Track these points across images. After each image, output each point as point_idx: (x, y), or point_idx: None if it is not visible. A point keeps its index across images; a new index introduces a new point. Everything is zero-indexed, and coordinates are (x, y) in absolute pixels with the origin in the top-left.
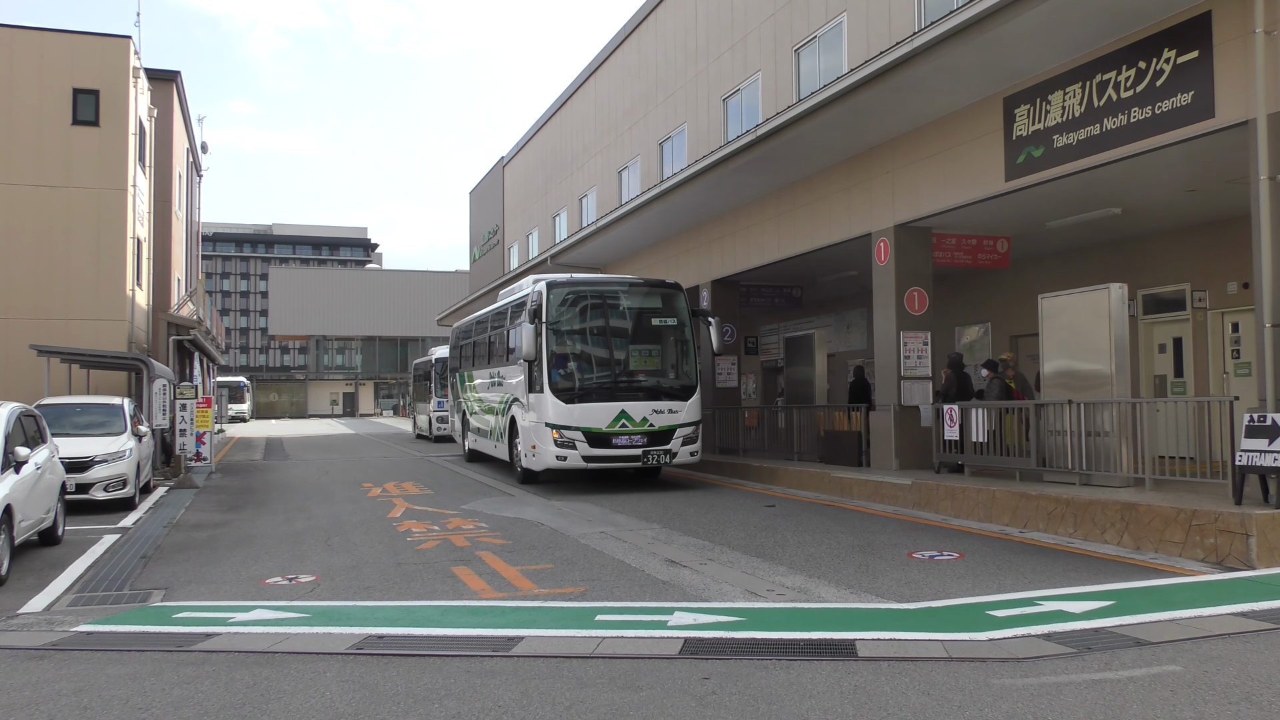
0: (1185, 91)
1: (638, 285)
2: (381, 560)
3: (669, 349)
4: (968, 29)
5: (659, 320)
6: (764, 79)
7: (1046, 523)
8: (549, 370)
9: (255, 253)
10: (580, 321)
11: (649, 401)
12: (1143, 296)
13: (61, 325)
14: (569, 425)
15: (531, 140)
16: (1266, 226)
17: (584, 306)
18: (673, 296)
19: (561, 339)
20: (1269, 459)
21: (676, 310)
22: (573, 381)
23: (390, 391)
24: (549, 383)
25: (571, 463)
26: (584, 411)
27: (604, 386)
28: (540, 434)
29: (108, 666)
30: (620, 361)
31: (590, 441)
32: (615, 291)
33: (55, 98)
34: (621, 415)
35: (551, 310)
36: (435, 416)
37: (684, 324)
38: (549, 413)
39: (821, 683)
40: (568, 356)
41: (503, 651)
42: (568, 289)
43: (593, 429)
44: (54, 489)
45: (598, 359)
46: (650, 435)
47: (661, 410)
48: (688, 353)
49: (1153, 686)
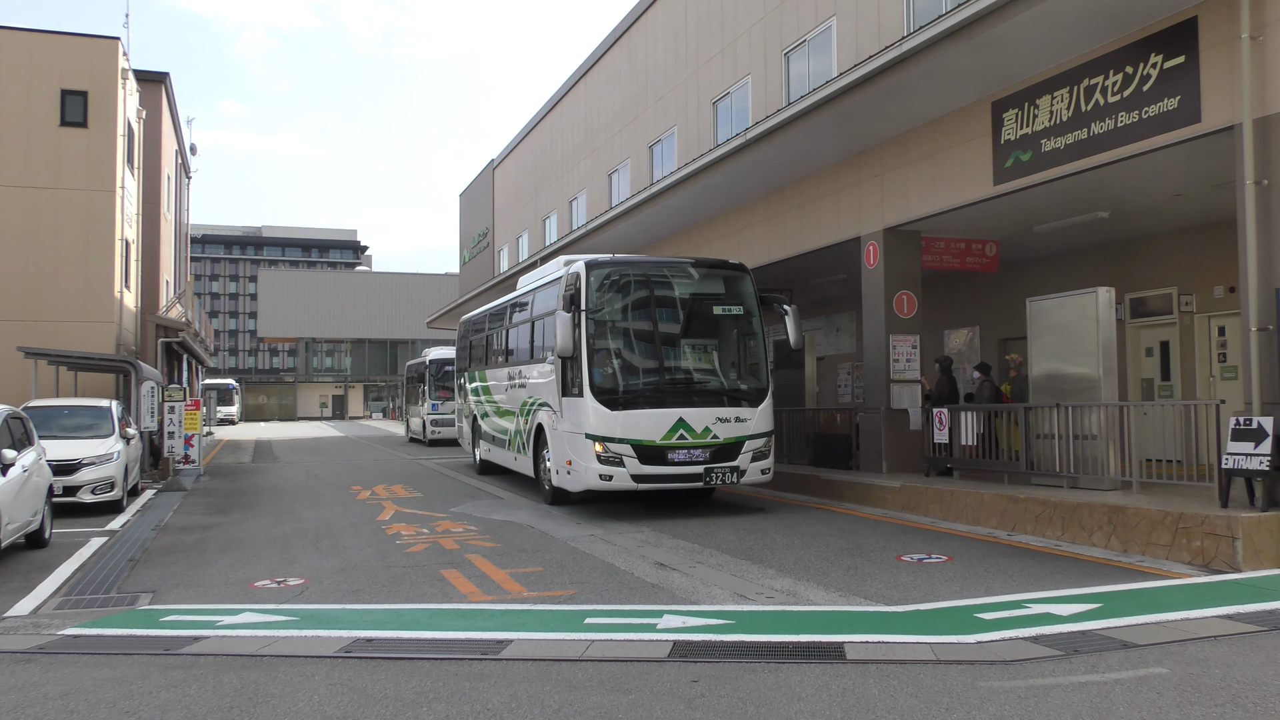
0: (1172, 96)
1: (696, 266)
2: (370, 563)
3: (735, 343)
4: (956, 33)
5: (722, 308)
6: (754, 82)
7: (1034, 525)
8: (590, 369)
9: (244, 255)
10: (627, 309)
11: (712, 408)
12: (1130, 300)
13: (49, 327)
14: (615, 437)
15: (522, 143)
16: (1252, 231)
17: (631, 291)
18: (738, 279)
19: (604, 331)
20: (1254, 462)
21: (743, 296)
22: (619, 383)
23: (380, 394)
24: (590, 384)
25: (618, 483)
26: (633, 420)
27: (658, 389)
28: (579, 447)
29: (94, 670)
30: (676, 359)
31: (641, 457)
32: (669, 273)
33: (43, 99)
34: (679, 425)
35: (592, 295)
36: (429, 419)
37: (752, 312)
38: (590, 421)
39: (810, 685)
40: (612, 352)
41: (492, 654)
42: (611, 270)
43: (645, 442)
44: (41, 491)
45: (649, 356)
46: (714, 449)
47: (727, 418)
48: (758, 348)
49: (1139, 689)
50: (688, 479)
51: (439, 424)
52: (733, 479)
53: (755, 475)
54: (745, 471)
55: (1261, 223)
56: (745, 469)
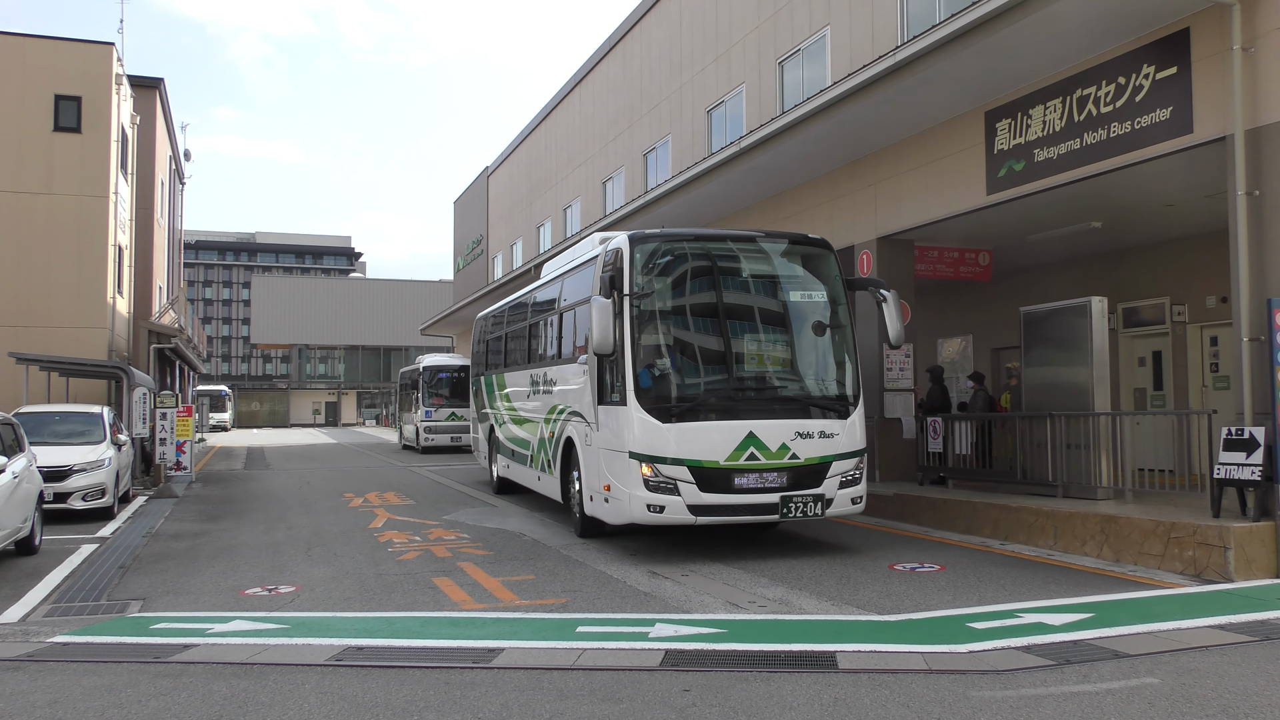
0: (1164, 107)
1: (769, 239)
2: (362, 571)
3: (817, 338)
4: (949, 43)
5: (801, 294)
6: (748, 91)
7: (1027, 535)
8: (635, 370)
9: (238, 261)
10: (681, 295)
11: (790, 419)
12: (1123, 310)
13: (41, 333)
14: (668, 456)
15: (516, 150)
16: (1244, 241)
17: (686, 272)
18: (822, 258)
19: (653, 322)
20: (1246, 472)
21: (828, 279)
22: (672, 388)
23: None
24: (635, 390)
25: (671, 515)
26: (691, 435)
27: (721, 396)
28: (620, 468)
29: (83, 678)
30: (744, 357)
31: (701, 483)
32: (734, 249)
33: (37, 104)
34: (750, 441)
35: (637, 277)
36: (423, 426)
37: (838, 299)
38: (635, 436)
39: (802, 695)
40: (663, 349)
41: (483, 663)
42: (661, 245)
43: (705, 463)
44: (31, 498)
45: (709, 353)
46: (793, 473)
47: (809, 433)
48: (844, 343)
49: (1131, 699)
50: (760, 510)
51: (433, 431)
52: (816, 510)
53: (844, 505)
54: (832, 501)
55: (1253, 233)
56: (832, 497)
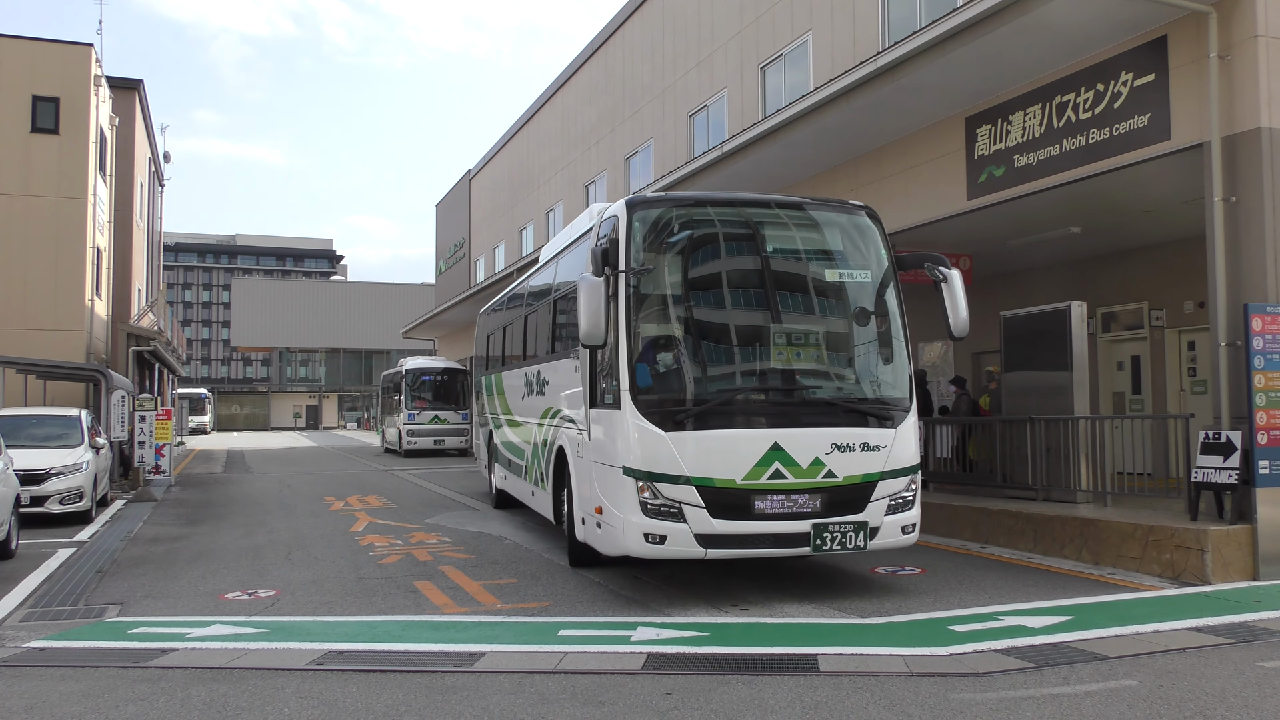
0: (1142, 114)
1: (800, 208)
2: (343, 575)
3: (858, 327)
4: (930, 49)
5: (839, 273)
6: (730, 95)
7: (1007, 538)
8: (630, 365)
9: (218, 263)
10: (690, 273)
11: (825, 428)
12: (1102, 314)
13: (18, 335)
14: (670, 474)
15: (498, 154)
16: (1221, 247)
17: (696, 246)
18: (864, 230)
19: (655, 306)
20: (1223, 475)
21: (872, 254)
22: (678, 388)
23: (354, 404)
24: (631, 389)
25: (675, 547)
26: (700, 447)
27: (739, 399)
28: (613, 487)
29: (60, 683)
30: (768, 351)
31: (713, 507)
32: (757, 218)
33: (14, 105)
34: (774, 455)
35: (636, 251)
36: (405, 430)
37: (886, 279)
38: (631, 448)
39: (783, 698)
40: (667, 339)
41: (464, 667)
42: (667, 211)
43: (718, 482)
44: (7, 502)
45: (724, 345)
46: (828, 494)
47: (849, 445)
48: (894, 333)
49: (1109, 701)
50: (786, 541)
51: (416, 434)
52: (859, 541)
53: (893, 535)
54: (878, 530)
55: (1230, 239)
56: (878, 525)
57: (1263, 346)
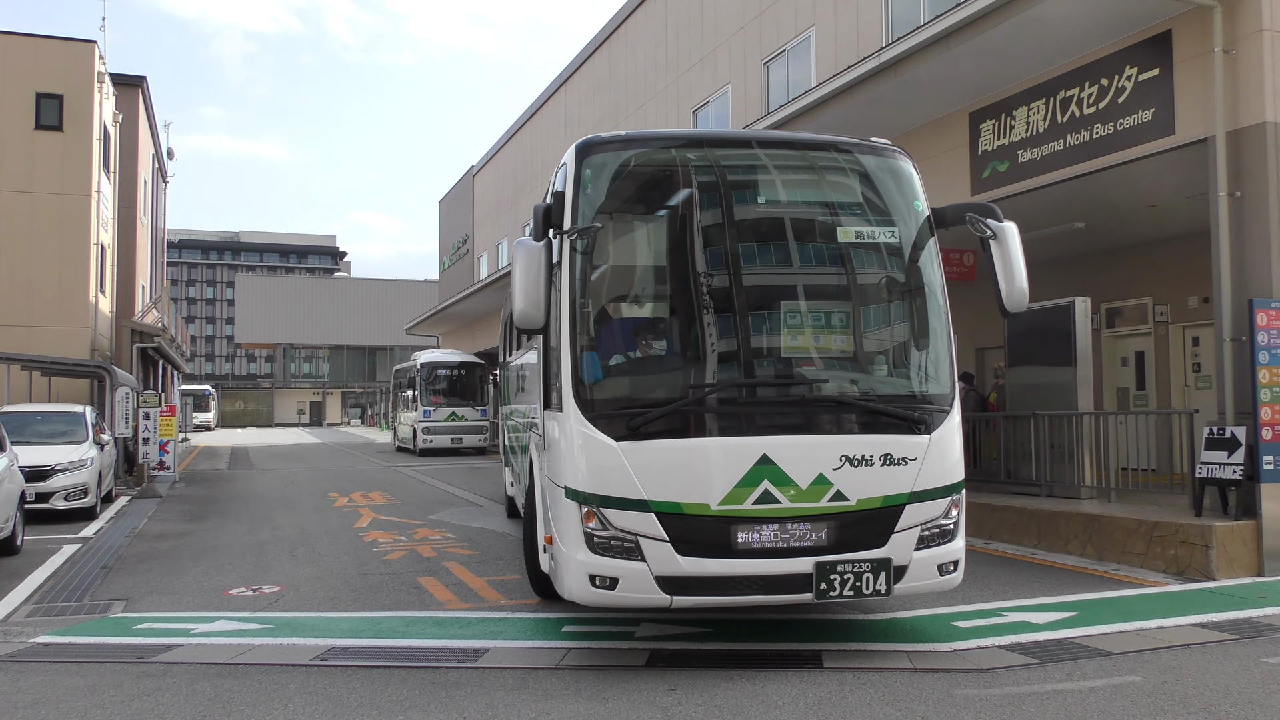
0: (1147, 109)
1: (805, 148)
2: (347, 571)
3: (883, 303)
4: (934, 44)
5: (858, 231)
6: (733, 91)
7: (1011, 534)
8: (574, 355)
9: (222, 260)
10: (658, 234)
11: (832, 434)
12: (1106, 310)
13: (23, 332)
14: (623, 497)
15: (502, 150)
16: (1225, 242)
17: (667, 199)
18: (895, 175)
19: (609, 278)
20: (1228, 471)
21: (902, 208)
22: (634, 383)
23: (358, 400)
24: (574, 386)
25: (628, 593)
26: (662, 460)
27: (716, 396)
28: (560, 512)
29: (66, 678)
30: (757, 334)
31: (679, 540)
32: (747, 162)
33: (18, 101)
34: (762, 470)
35: (587, 204)
36: (420, 427)
37: (920, 241)
38: (574, 461)
39: (787, 694)
40: (625, 323)
41: (468, 663)
42: (628, 155)
43: (686, 506)
44: (13, 498)
45: (698, 328)
46: (836, 523)
47: (865, 458)
48: (930, 311)
49: (1113, 697)
50: (780, 586)
51: (431, 432)
52: (878, 585)
53: (927, 575)
54: (905, 569)
55: (1234, 234)
56: (905, 563)
57: (1267, 342)
